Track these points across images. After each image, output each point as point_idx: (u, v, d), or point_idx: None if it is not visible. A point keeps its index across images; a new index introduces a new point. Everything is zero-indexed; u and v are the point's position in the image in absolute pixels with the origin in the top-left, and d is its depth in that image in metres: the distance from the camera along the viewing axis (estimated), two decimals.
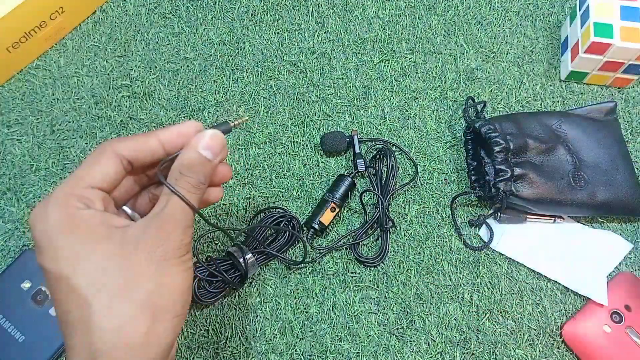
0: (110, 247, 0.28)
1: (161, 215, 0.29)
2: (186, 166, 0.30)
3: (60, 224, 0.28)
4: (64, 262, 0.27)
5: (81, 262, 0.27)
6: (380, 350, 0.47)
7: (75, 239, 0.28)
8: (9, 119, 0.55)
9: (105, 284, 0.27)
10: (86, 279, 0.27)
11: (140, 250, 0.28)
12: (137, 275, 0.28)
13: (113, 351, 0.27)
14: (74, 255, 0.27)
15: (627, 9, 0.54)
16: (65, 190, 0.29)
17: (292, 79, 0.58)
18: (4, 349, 0.44)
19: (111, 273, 0.28)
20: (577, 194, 0.49)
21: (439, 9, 0.62)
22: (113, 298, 0.27)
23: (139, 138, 0.31)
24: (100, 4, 0.60)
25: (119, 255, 0.28)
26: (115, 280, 0.28)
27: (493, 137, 0.50)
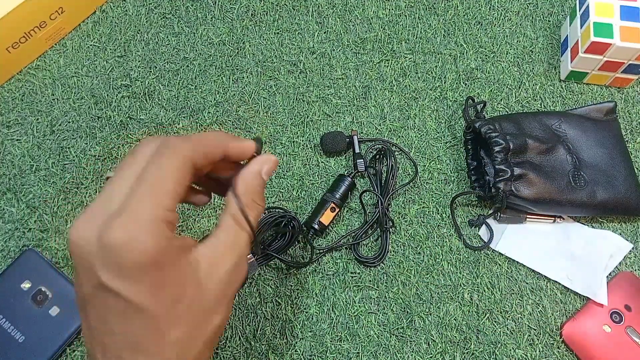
0: (192, 284, 0.27)
1: (240, 244, 0.29)
2: (256, 193, 0.30)
3: (155, 257, 0.26)
4: (152, 297, 0.26)
5: (167, 298, 0.27)
6: (380, 350, 0.47)
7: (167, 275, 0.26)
8: (9, 119, 0.55)
9: (186, 320, 0.27)
10: (169, 314, 0.27)
11: (217, 290, 0.28)
12: (211, 313, 0.28)
13: None
14: (161, 292, 0.26)
15: (627, 9, 0.54)
16: (156, 214, 0.26)
17: (292, 79, 0.58)
18: (4, 349, 0.44)
19: (190, 308, 0.27)
20: (577, 194, 0.49)
21: (439, 9, 0.62)
22: (191, 334, 0.27)
23: (212, 149, 0.30)
24: (100, 4, 0.60)
25: (198, 292, 0.27)
26: (194, 317, 0.27)
27: (493, 137, 0.50)
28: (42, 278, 0.47)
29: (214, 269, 0.28)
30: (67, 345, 0.46)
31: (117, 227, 0.25)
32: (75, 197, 0.52)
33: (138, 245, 0.25)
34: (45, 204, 0.51)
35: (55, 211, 0.51)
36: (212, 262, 0.28)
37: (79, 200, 0.51)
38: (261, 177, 0.31)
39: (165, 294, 0.26)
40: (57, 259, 0.49)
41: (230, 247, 0.29)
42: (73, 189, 0.52)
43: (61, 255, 0.49)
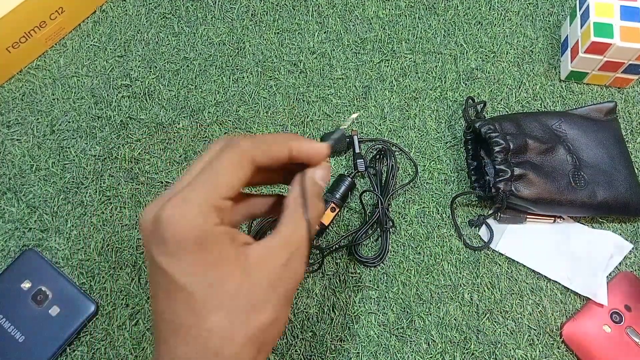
0: (237, 272, 0.28)
1: (295, 240, 0.29)
2: (315, 195, 0.31)
3: (199, 236, 0.27)
4: (193, 276, 0.27)
5: (208, 280, 0.27)
6: (380, 350, 0.47)
7: (209, 256, 0.27)
8: (9, 119, 0.55)
9: (228, 308, 0.27)
10: (209, 297, 0.27)
11: (266, 282, 0.28)
12: (257, 307, 0.28)
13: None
14: (202, 272, 0.27)
15: (627, 9, 0.54)
16: (206, 199, 0.27)
17: (292, 79, 0.58)
18: (4, 349, 0.44)
19: (233, 297, 0.27)
20: (577, 194, 0.49)
21: (439, 9, 0.62)
22: (232, 324, 0.27)
23: (275, 147, 0.30)
24: (100, 4, 0.60)
25: (245, 281, 0.28)
26: (237, 306, 0.27)
27: (493, 137, 0.50)
28: (42, 278, 0.47)
29: (264, 262, 0.28)
30: (67, 345, 0.46)
31: (168, 206, 0.27)
32: (75, 197, 0.52)
33: (183, 222, 0.26)
34: (45, 204, 0.51)
35: (55, 211, 0.51)
36: (264, 255, 0.28)
37: (79, 200, 0.51)
38: (319, 182, 0.32)
39: (206, 276, 0.27)
40: (57, 259, 0.49)
41: (285, 242, 0.29)
42: (73, 189, 0.52)
43: (61, 255, 0.49)
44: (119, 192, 0.52)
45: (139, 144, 0.54)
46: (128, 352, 0.46)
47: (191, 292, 0.27)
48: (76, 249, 0.50)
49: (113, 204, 0.52)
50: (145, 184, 0.52)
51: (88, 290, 0.48)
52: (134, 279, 0.49)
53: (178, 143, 0.55)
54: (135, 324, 0.47)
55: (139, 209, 0.51)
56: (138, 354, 0.46)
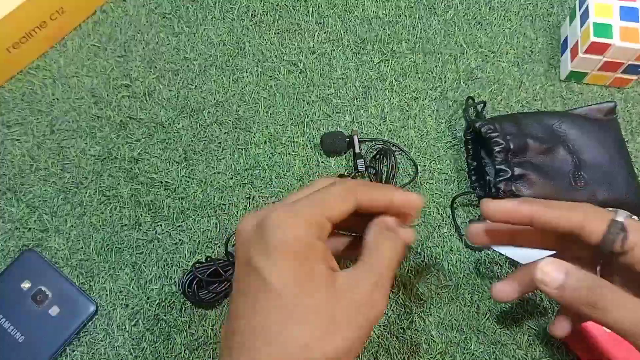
0: (324, 290, 0.29)
1: (380, 270, 0.31)
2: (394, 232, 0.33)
3: (301, 247, 0.29)
4: (288, 283, 0.28)
5: (299, 290, 0.28)
6: (380, 350, 0.47)
7: (305, 268, 0.28)
8: (9, 119, 0.55)
9: (312, 322, 0.28)
10: (298, 307, 0.28)
11: (348, 309, 0.29)
12: (338, 330, 0.28)
13: None
14: (296, 281, 0.28)
15: (626, 9, 0.54)
16: (313, 215, 0.30)
17: (292, 79, 0.58)
18: (4, 349, 0.44)
19: (318, 313, 0.28)
20: (577, 194, 0.49)
21: (439, 9, 0.62)
22: (313, 339, 0.28)
23: (380, 194, 0.32)
24: (100, 4, 0.60)
25: (330, 302, 0.29)
26: (320, 323, 0.28)
27: (493, 137, 0.50)
28: (42, 278, 0.47)
29: (349, 288, 0.29)
30: (67, 345, 0.46)
31: (277, 214, 0.29)
32: (75, 197, 0.52)
33: (289, 231, 0.28)
34: (45, 204, 0.51)
35: (55, 211, 0.51)
36: (350, 281, 0.29)
37: (79, 200, 0.51)
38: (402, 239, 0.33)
39: (299, 286, 0.28)
40: (56, 259, 0.49)
41: (369, 272, 0.30)
42: (73, 189, 0.52)
43: (61, 255, 0.49)
44: (118, 192, 0.52)
45: (139, 144, 0.54)
46: (128, 352, 0.46)
47: (283, 298, 0.28)
48: (76, 249, 0.50)
49: (113, 204, 0.52)
50: (145, 184, 0.52)
51: (88, 290, 0.48)
52: (134, 279, 0.49)
53: (178, 143, 0.55)
54: (135, 324, 0.47)
55: (139, 209, 0.51)
56: (138, 354, 0.46)
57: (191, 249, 0.50)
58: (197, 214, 0.51)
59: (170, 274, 0.49)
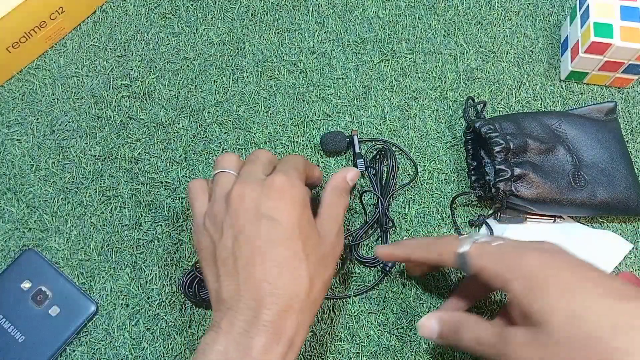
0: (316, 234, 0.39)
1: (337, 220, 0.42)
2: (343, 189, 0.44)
3: (303, 196, 0.39)
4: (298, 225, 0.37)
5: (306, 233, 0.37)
6: (380, 350, 0.47)
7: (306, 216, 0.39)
8: (9, 119, 0.55)
9: (310, 256, 0.37)
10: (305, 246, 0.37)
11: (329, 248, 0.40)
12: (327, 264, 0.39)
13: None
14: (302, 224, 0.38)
15: (627, 9, 0.54)
16: (301, 175, 0.40)
17: (292, 79, 0.58)
18: (4, 349, 0.44)
19: (315, 252, 0.38)
20: (577, 194, 0.49)
21: (439, 9, 0.62)
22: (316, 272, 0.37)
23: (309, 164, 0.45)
24: (100, 4, 0.60)
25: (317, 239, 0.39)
26: (318, 260, 0.38)
27: (493, 137, 0.50)
28: (42, 278, 0.47)
29: (326, 231, 0.40)
30: (67, 345, 0.46)
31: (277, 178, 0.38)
32: (75, 197, 0.52)
33: (295, 189, 0.38)
34: (45, 204, 0.51)
35: (55, 211, 0.51)
36: (325, 226, 0.40)
37: (79, 200, 0.51)
38: (345, 181, 0.44)
39: (304, 228, 0.37)
40: (57, 259, 0.49)
41: (332, 219, 0.41)
42: (73, 189, 0.52)
43: (61, 255, 0.49)
44: (119, 192, 0.52)
45: (139, 144, 0.54)
46: (128, 352, 0.46)
47: (296, 241, 0.36)
48: (76, 249, 0.50)
49: (113, 204, 0.52)
50: (145, 184, 0.52)
51: (88, 290, 0.48)
52: (134, 279, 0.49)
53: (178, 143, 0.55)
54: (135, 324, 0.47)
55: (139, 209, 0.51)
56: (138, 354, 0.46)
57: (191, 249, 0.50)
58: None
59: (171, 273, 0.49)
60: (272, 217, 0.36)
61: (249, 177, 0.39)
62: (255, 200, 0.37)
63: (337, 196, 0.42)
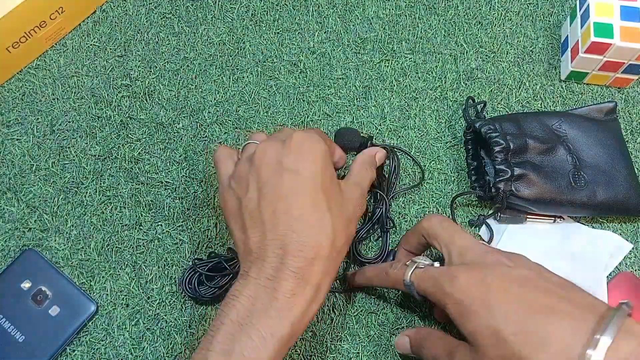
0: (340, 193, 0.40)
1: (361, 185, 0.43)
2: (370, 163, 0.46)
3: (325, 153, 0.39)
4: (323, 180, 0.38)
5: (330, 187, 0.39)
6: (380, 350, 0.47)
7: (330, 172, 0.39)
8: (9, 119, 0.55)
9: (333, 210, 0.38)
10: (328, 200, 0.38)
11: (351, 207, 0.41)
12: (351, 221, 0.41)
13: None
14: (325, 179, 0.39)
15: (627, 9, 0.54)
16: (322, 136, 0.43)
17: (292, 79, 0.58)
18: (4, 349, 0.44)
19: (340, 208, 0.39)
20: (577, 194, 0.49)
21: (439, 9, 0.62)
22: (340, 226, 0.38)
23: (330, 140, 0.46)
24: (100, 4, 0.60)
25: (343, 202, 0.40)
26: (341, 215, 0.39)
27: (493, 137, 0.50)
28: (42, 278, 0.47)
29: (350, 191, 0.41)
30: (67, 345, 0.46)
31: (300, 135, 0.39)
32: (75, 197, 0.52)
33: (315, 144, 0.39)
34: (45, 204, 0.51)
35: (55, 211, 0.51)
36: (349, 187, 0.42)
37: (79, 200, 0.51)
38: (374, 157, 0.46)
39: (326, 182, 0.38)
40: (57, 259, 0.49)
41: (357, 184, 0.43)
42: (73, 189, 0.52)
43: (61, 255, 0.49)
44: (119, 192, 0.52)
45: (139, 144, 0.54)
46: (128, 352, 0.46)
47: (319, 193, 0.37)
48: (76, 249, 0.50)
49: (113, 204, 0.52)
50: (145, 184, 0.52)
51: (88, 290, 0.48)
52: (135, 279, 0.49)
53: (178, 143, 0.55)
54: (135, 324, 0.47)
55: (139, 208, 0.51)
56: (138, 354, 0.46)
57: (191, 249, 0.50)
58: (197, 214, 0.51)
59: (171, 273, 0.49)
60: (294, 169, 0.37)
61: (271, 139, 0.40)
62: (277, 156, 0.38)
63: (365, 168, 0.44)
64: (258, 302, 0.35)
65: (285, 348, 0.35)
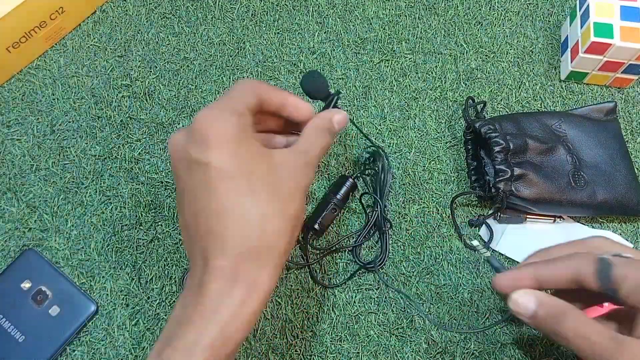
0: (265, 166, 0.35)
1: (309, 153, 0.37)
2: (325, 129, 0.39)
3: (235, 131, 0.34)
4: (235, 164, 0.33)
5: (246, 169, 0.33)
6: (380, 350, 0.47)
7: (243, 149, 0.34)
8: (9, 119, 0.55)
9: (257, 190, 0.33)
10: (250, 183, 0.33)
11: (287, 177, 0.35)
12: (287, 200, 0.35)
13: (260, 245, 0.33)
14: (241, 162, 0.33)
15: (627, 9, 0.54)
16: (233, 106, 0.35)
17: (292, 79, 0.58)
18: (4, 349, 0.44)
19: (265, 185, 0.34)
20: (577, 194, 0.49)
21: (439, 9, 0.62)
22: (270, 208, 0.34)
23: (277, 93, 0.39)
24: (100, 4, 0.60)
25: (270, 175, 0.34)
26: (265, 192, 0.34)
27: (493, 137, 0.50)
28: (42, 278, 0.47)
29: (286, 162, 0.36)
30: (67, 345, 0.46)
31: (200, 116, 0.34)
32: (75, 197, 0.52)
33: (222, 120, 0.34)
34: (45, 204, 0.51)
35: (56, 211, 0.51)
36: (286, 157, 0.36)
37: (79, 200, 0.51)
38: (333, 122, 0.40)
39: (243, 163, 0.33)
40: (57, 259, 0.49)
41: (302, 151, 0.37)
42: (73, 189, 0.52)
43: (61, 255, 0.49)
44: (119, 192, 0.52)
45: (139, 144, 0.54)
46: (128, 352, 0.46)
47: (230, 175, 0.33)
48: (76, 249, 0.50)
49: (113, 204, 0.52)
50: (145, 184, 0.53)
51: (88, 290, 0.48)
52: (134, 279, 0.49)
53: None
54: (135, 324, 0.47)
55: (139, 209, 0.51)
56: (138, 354, 0.46)
57: None
58: None
59: (171, 273, 0.49)
60: (202, 160, 0.33)
61: (181, 129, 0.36)
62: (184, 147, 0.34)
63: (316, 133, 0.39)
64: (186, 310, 0.33)
65: (220, 354, 0.32)
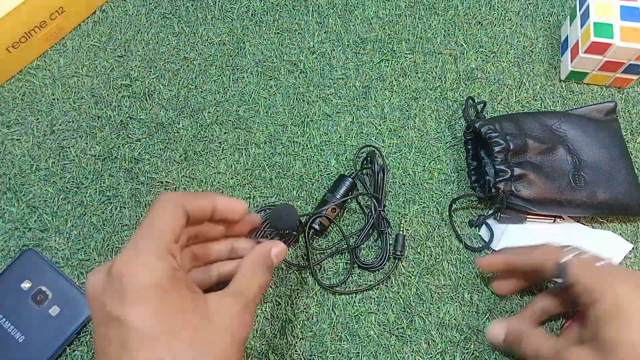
0: (196, 318, 0.30)
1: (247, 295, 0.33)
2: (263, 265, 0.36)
3: (159, 280, 0.29)
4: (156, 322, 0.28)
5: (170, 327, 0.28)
6: (380, 350, 0.47)
7: (170, 301, 0.29)
8: (9, 119, 0.55)
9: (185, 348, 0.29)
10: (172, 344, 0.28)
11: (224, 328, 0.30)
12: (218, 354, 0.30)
13: None
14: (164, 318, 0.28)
15: (627, 9, 0.54)
16: (157, 245, 0.30)
17: (292, 79, 0.58)
18: (4, 349, 0.44)
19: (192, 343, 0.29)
20: (577, 194, 0.49)
21: (439, 9, 0.62)
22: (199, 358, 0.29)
23: (200, 199, 0.34)
24: (100, 4, 0.60)
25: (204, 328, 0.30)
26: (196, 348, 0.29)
27: (493, 137, 0.50)
28: (42, 278, 0.47)
29: (222, 310, 0.31)
30: (67, 345, 0.46)
31: (120, 260, 0.29)
32: (75, 197, 0.52)
33: (142, 268, 0.29)
34: (45, 204, 0.51)
35: (55, 211, 0.51)
36: (221, 304, 0.31)
37: (79, 200, 0.51)
38: (271, 256, 0.36)
39: (168, 320, 0.28)
40: (57, 259, 0.49)
41: (239, 296, 0.33)
42: (73, 189, 0.52)
43: (61, 255, 0.49)
44: (119, 192, 0.52)
45: (139, 144, 0.54)
46: None
47: (158, 341, 0.28)
48: (76, 249, 0.50)
49: (113, 204, 0.52)
50: (145, 184, 0.53)
51: None
52: None
53: (178, 143, 0.55)
54: None
55: (139, 209, 0.51)
56: None
57: None
58: None
59: None
60: (120, 317, 0.28)
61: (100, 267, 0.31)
62: (101, 296, 0.29)
63: (254, 269, 0.35)
64: None
65: None
